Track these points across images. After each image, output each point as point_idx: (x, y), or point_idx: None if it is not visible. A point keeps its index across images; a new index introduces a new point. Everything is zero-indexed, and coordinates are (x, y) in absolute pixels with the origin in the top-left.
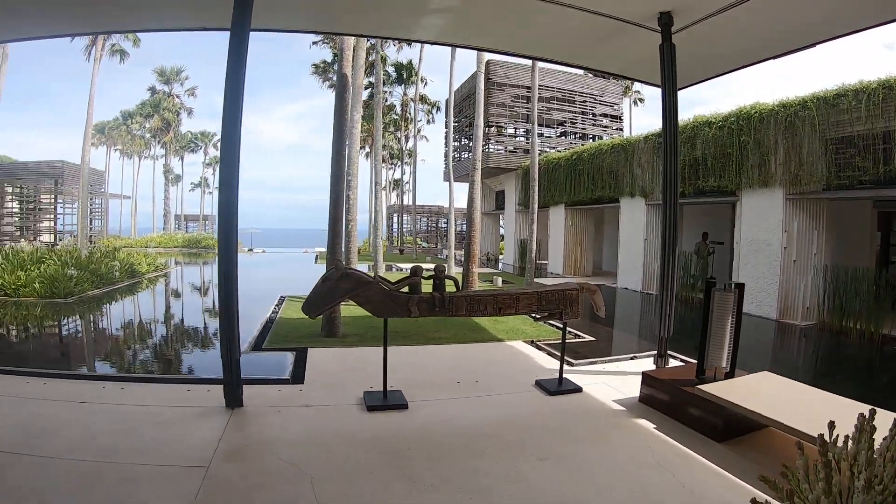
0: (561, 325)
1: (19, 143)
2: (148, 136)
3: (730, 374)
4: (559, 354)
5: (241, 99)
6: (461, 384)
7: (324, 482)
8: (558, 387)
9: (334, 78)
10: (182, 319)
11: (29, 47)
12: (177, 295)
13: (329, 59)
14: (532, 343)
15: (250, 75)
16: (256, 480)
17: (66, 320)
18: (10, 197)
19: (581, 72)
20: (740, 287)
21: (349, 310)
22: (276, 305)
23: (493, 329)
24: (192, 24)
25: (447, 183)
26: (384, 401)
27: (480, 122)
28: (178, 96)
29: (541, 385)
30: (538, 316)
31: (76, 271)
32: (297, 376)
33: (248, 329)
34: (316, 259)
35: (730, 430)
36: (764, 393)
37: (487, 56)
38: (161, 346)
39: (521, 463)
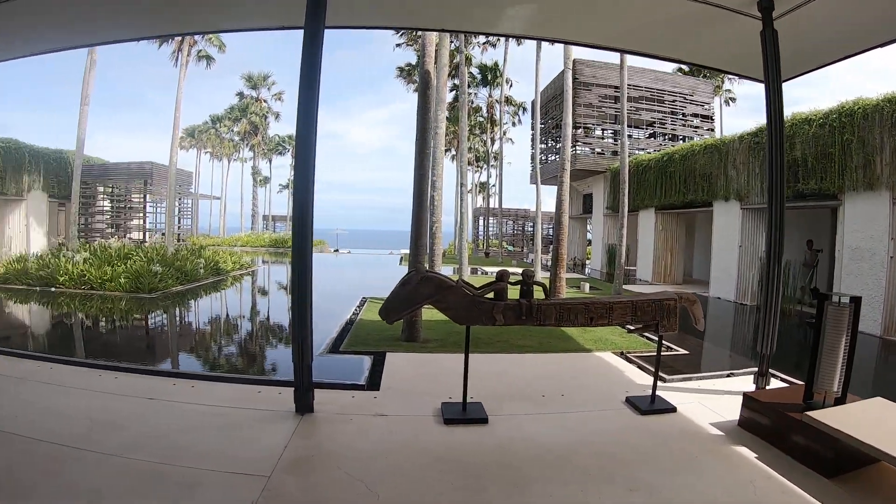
0: (656, 338)
1: (113, 145)
2: (237, 139)
3: (840, 400)
4: (651, 369)
5: (317, 97)
6: (546, 398)
7: (391, 502)
8: (651, 405)
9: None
10: (262, 317)
11: (123, 57)
12: (260, 293)
13: (413, 62)
14: (622, 355)
15: (337, 80)
16: (318, 496)
17: (146, 315)
18: (101, 196)
19: (670, 70)
20: (856, 301)
21: (430, 313)
22: (358, 307)
23: (580, 338)
24: (269, 23)
25: (533, 186)
26: (463, 414)
27: (569, 120)
28: (265, 101)
29: (632, 402)
30: (632, 327)
31: (160, 268)
32: (373, 382)
33: (328, 329)
34: (400, 261)
35: (840, 465)
36: (879, 422)
37: (574, 54)
38: (237, 344)
39: (609, 493)
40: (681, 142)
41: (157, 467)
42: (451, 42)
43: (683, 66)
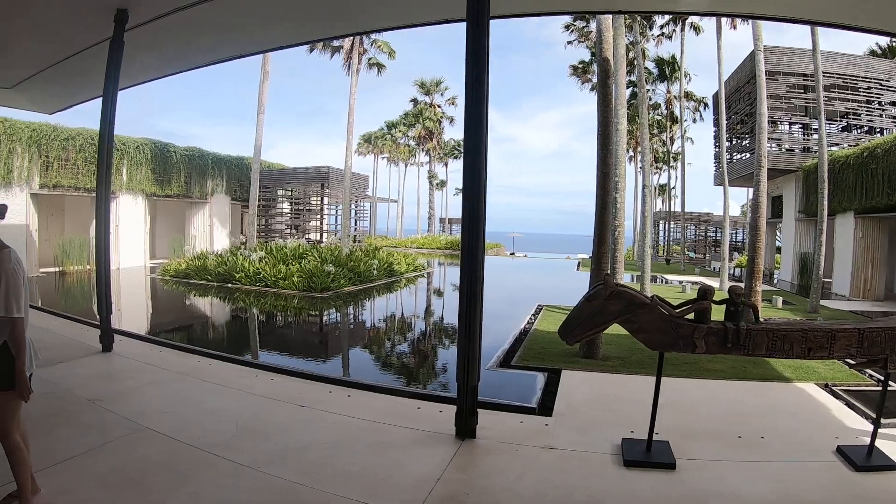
0: (881, 376)
1: (298, 153)
2: (412, 143)
3: None
4: (863, 408)
5: (485, 92)
6: (742, 440)
7: None
8: (867, 459)
9: (594, 79)
10: (432, 323)
11: (300, 70)
12: (432, 296)
13: (587, 59)
14: (826, 388)
15: (509, 85)
16: None
17: (314, 314)
18: (281, 199)
19: (861, 52)
20: None
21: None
22: (533, 315)
23: (777, 363)
24: (430, 17)
25: (717, 188)
26: (646, 455)
27: (764, 110)
28: (438, 106)
29: (843, 454)
30: (855, 362)
31: (333, 268)
32: (545, 405)
33: (501, 336)
34: (578, 266)
35: None
36: None
37: (764, 36)
38: (402, 350)
39: None
40: (878, 135)
41: (291, 486)
42: (627, 36)
43: (876, 48)
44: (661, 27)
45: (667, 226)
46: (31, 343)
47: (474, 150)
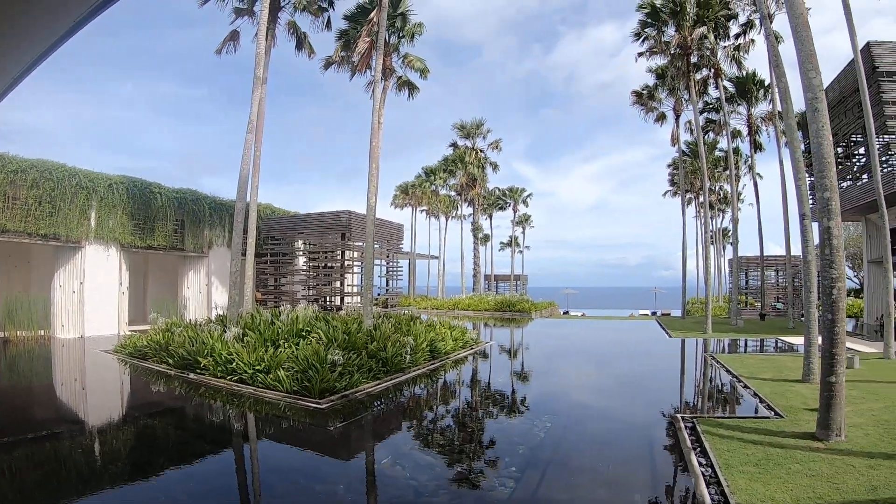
0: None
1: (333, 205)
2: (453, 194)
3: None
4: None
5: None
6: None
7: None
8: None
9: (659, 107)
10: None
11: (345, 128)
12: (507, 403)
13: (651, 83)
14: None
15: (544, 139)
16: None
17: (289, 465)
18: (298, 252)
19: None
20: None
21: None
22: (693, 447)
23: None
24: None
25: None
26: None
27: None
28: (481, 150)
29: None
30: None
31: (341, 355)
32: None
33: None
34: (665, 331)
35: None
36: None
37: (865, 31)
38: None
39: None
40: None
41: None
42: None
43: None
44: (736, 36)
45: (761, 273)
46: None
47: None
